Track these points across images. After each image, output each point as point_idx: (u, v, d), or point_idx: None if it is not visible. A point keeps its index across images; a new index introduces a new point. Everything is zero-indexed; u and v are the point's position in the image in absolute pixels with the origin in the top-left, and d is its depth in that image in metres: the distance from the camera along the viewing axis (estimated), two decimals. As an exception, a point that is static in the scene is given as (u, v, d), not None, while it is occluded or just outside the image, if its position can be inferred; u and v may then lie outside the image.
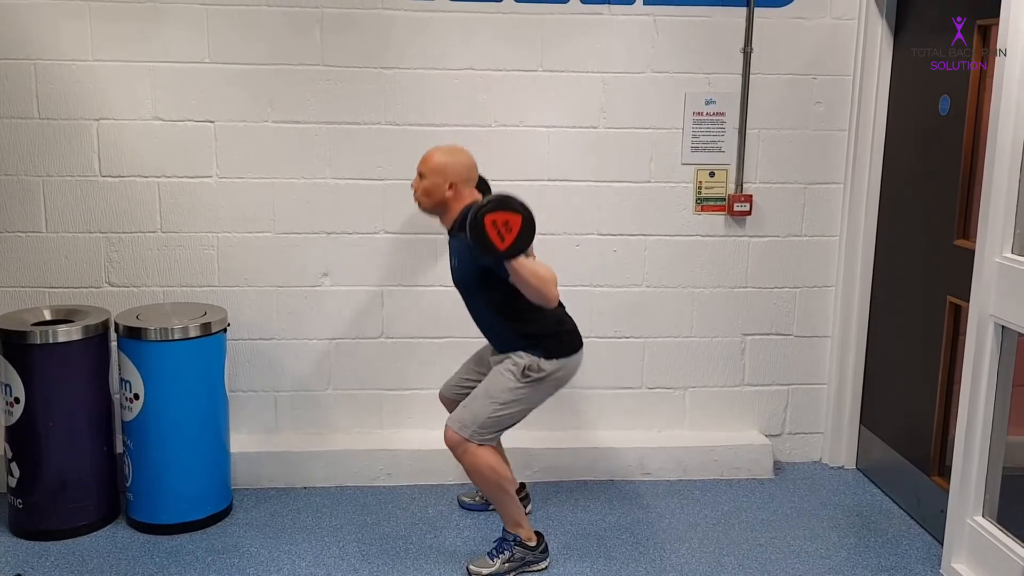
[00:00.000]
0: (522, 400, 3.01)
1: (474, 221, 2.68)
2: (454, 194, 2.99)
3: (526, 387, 2.99)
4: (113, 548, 3.24)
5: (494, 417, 2.97)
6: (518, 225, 2.69)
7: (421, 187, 3.03)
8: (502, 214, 2.68)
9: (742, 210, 3.78)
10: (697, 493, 3.74)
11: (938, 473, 3.39)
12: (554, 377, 3.02)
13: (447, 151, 3.05)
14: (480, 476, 3.00)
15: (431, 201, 3.02)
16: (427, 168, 3.01)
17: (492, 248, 2.70)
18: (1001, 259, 2.85)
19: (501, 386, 2.99)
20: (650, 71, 3.68)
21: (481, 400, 3.00)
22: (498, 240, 2.68)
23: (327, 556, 3.20)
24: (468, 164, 3.04)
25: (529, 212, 2.71)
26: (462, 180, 3.00)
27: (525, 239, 2.71)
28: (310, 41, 3.56)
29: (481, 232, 2.68)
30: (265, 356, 3.77)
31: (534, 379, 2.99)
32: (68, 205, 3.61)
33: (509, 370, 2.99)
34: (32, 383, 3.22)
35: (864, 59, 3.68)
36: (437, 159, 3.01)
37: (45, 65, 3.49)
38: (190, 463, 3.35)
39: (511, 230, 2.69)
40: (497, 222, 2.67)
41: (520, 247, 2.72)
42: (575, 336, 3.09)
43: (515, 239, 2.70)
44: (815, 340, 3.97)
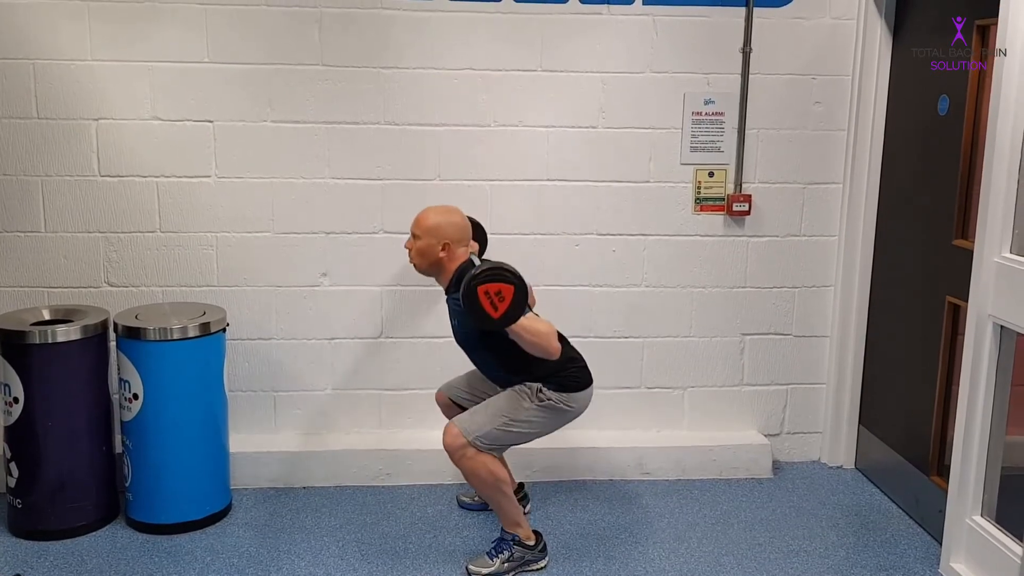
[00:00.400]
0: (532, 423, 3.03)
1: (467, 292, 2.74)
2: (448, 255, 3.02)
3: (540, 411, 3.02)
4: (112, 548, 3.24)
5: (501, 431, 2.98)
6: (511, 295, 2.75)
7: (415, 248, 3.06)
8: (494, 284, 2.74)
9: (741, 210, 3.78)
10: (696, 493, 3.74)
11: (937, 473, 3.39)
12: (565, 408, 3.05)
13: (440, 212, 3.08)
14: (478, 479, 3.01)
15: (425, 261, 3.05)
16: (420, 229, 3.04)
17: (487, 318, 2.76)
18: (1000, 259, 2.85)
19: (516, 404, 3.02)
20: (649, 71, 3.68)
21: (492, 412, 3.01)
22: (492, 310, 2.75)
23: (326, 556, 3.20)
24: (461, 224, 3.07)
25: (521, 280, 2.77)
26: (455, 240, 3.03)
27: (518, 307, 2.77)
28: (309, 41, 3.56)
29: (475, 303, 2.74)
30: (264, 356, 3.77)
31: (547, 405, 3.01)
32: (67, 205, 3.60)
33: (523, 392, 3.02)
34: (31, 383, 3.21)
35: (863, 59, 3.68)
36: (431, 220, 3.04)
37: (44, 65, 3.49)
38: (189, 463, 3.35)
39: (504, 299, 2.75)
40: (490, 292, 2.74)
41: (514, 315, 2.78)
42: (585, 372, 3.11)
43: (508, 308, 2.76)
44: (814, 340, 3.97)
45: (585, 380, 3.10)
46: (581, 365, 3.12)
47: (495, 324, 2.79)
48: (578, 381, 3.08)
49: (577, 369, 3.09)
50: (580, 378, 3.09)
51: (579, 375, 3.09)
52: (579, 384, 3.08)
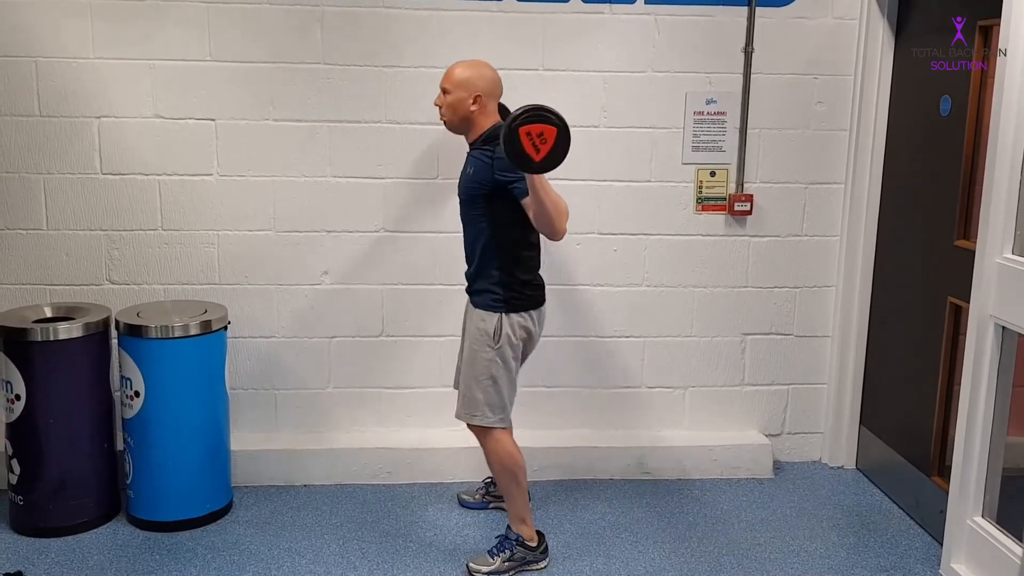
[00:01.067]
0: (504, 363, 3.00)
1: (508, 132, 2.58)
2: (479, 108, 2.94)
3: (500, 349, 2.98)
4: (113, 545, 3.25)
5: (491, 393, 2.99)
6: (553, 136, 2.61)
7: (445, 102, 2.97)
8: (538, 126, 2.60)
9: (743, 210, 3.78)
10: (697, 492, 3.74)
11: (938, 473, 3.39)
12: (521, 333, 3.01)
13: (470, 64, 2.99)
14: (498, 462, 3.04)
15: (456, 116, 2.97)
16: (450, 83, 2.96)
17: (527, 159, 2.61)
18: (1001, 260, 2.85)
19: (479, 361, 3.00)
20: (651, 70, 3.68)
21: (471, 384, 3.02)
22: (533, 152, 2.60)
23: (327, 554, 3.20)
24: (492, 78, 2.99)
25: (565, 123, 2.63)
26: (487, 93, 2.95)
27: (560, 151, 2.64)
28: (311, 39, 3.56)
29: (516, 143, 2.58)
30: (265, 354, 3.78)
31: (503, 342, 2.98)
32: (69, 203, 3.61)
33: (479, 340, 2.99)
34: (33, 380, 3.22)
35: (865, 59, 3.68)
36: (460, 73, 2.95)
37: (46, 63, 3.50)
38: (190, 461, 3.35)
39: (547, 141, 2.61)
40: (532, 133, 2.58)
41: (555, 160, 2.65)
42: (539, 291, 3.07)
43: (550, 151, 2.61)
44: (815, 340, 3.97)
45: (539, 299, 3.06)
46: (539, 284, 3.07)
47: (535, 167, 2.64)
48: (534, 300, 3.03)
49: (533, 288, 3.04)
50: (536, 297, 3.04)
51: (535, 294, 3.04)
52: (534, 302, 3.03)
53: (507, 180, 2.83)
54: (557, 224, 2.81)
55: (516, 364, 3.06)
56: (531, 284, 3.05)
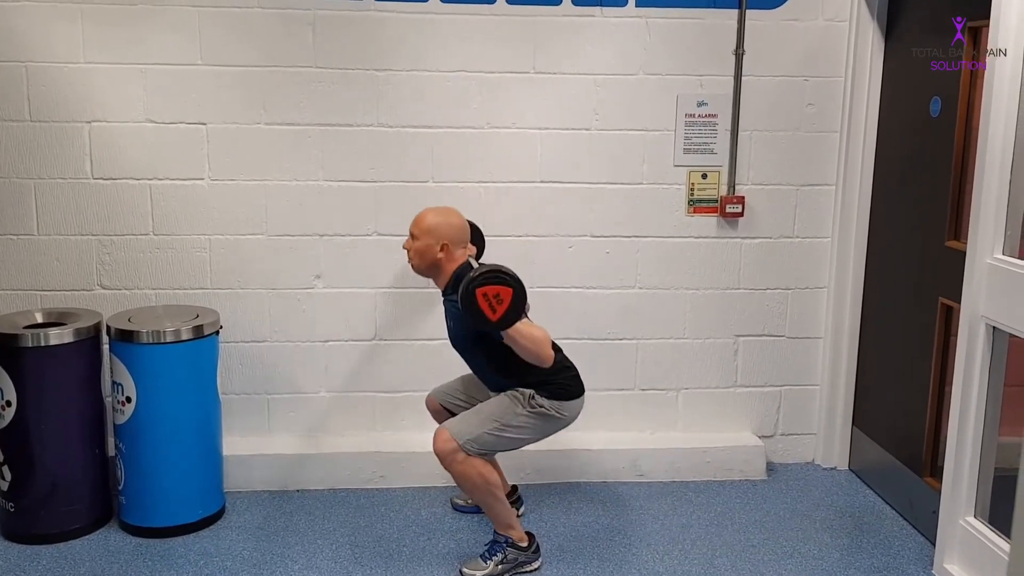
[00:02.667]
0: (524, 429, 3.03)
1: (465, 294, 2.75)
2: (446, 255, 3.03)
3: (531, 418, 3.02)
4: (105, 551, 3.24)
5: (493, 436, 2.98)
6: (509, 297, 2.76)
7: (413, 248, 3.07)
8: (493, 287, 2.75)
9: (734, 211, 3.79)
10: (690, 494, 3.74)
11: (930, 474, 3.40)
12: (556, 416, 3.05)
13: (439, 213, 3.09)
14: (470, 483, 3.01)
15: (424, 262, 3.06)
16: (419, 229, 3.05)
17: (484, 319, 2.77)
18: (992, 260, 2.86)
19: (508, 409, 3.02)
20: (642, 73, 3.69)
21: (483, 417, 3.01)
22: (490, 312, 2.75)
23: (320, 559, 3.20)
24: (459, 226, 3.08)
25: (519, 284, 2.78)
26: (453, 241, 3.04)
27: (516, 310, 2.78)
28: (302, 43, 3.56)
29: (473, 305, 2.75)
30: (258, 358, 3.77)
31: (539, 412, 3.02)
32: (60, 207, 3.60)
33: (516, 398, 3.03)
34: (24, 386, 3.21)
35: (856, 61, 3.69)
36: (429, 220, 3.05)
37: (37, 67, 3.49)
38: (182, 466, 3.34)
39: (502, 302, 2.75)
40: (488, 294, 2.74)
41: (512, 318, 2.79)
42: (577, 381, 3.12)
43: (506, 310, 2.76)
44: (807, 341, 3.97)
45: (577, 389, 3.11)
46: (574, 374, 3.12)
47: (493, 326, 2.79)
48: (570, 390, 3.08)
49: (570, 377, 3.10)
50: (572, 387, 3.09)
51: (571, 383, 3.09)
52: (571, 393, 3.08)
53: (483, 330, 2.90)
54: (541, 355, 2.90)
55: (532, 439, 3.08)
56: (567, 371, 3.09)
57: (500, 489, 3.07)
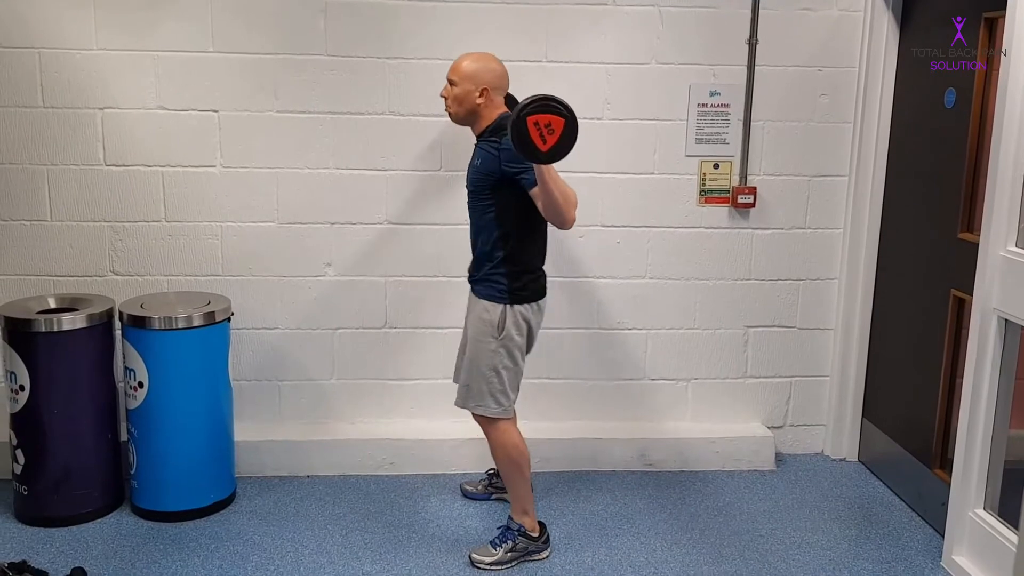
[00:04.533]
0: (509, 354, 3.01)
1: (516, 121, 2.59)
2: (485, 101, 2.95)
3: (504, 340, 2.99)
4: (117, 535, 3.26)
5: (495, 383, 3.00)
6: (561, 127, 2.61)
7: (452, 94, 2.98)
8: (545, 116, 2.60)
9: (746, 202, 3.78)
10: (699, 484, 3.74)
11: (940, 466, 3.39)
12: (524, 323, 3.02)
13: (477, 57, 3.00)
14: (503, 452, 3.04)
15: (462, 109, 2.98)
16: (457, 75, 2.97)
17: (534, 149, 2.62)
18: (1005, 253, 2.85)
19: (483, 352, 3.00)
20: (655, 62, 3.68)
21: (474, 375, 3.03)
22: (540, 142, 2.60)
23: (330, 544, 3.22)
24: (498, 71, 3.00)
25: (573, 114, 2.63)
26: (493, 86, 2.96)
27: (568, 143, 2.64)
28: (314, 30, 3.56)
29: (524, 132, 2.59)
30: (269, 345, 3.78)
31: (507, 333, 2.99)
32: (73, 194, 3.61)
33: (482, 331, 3.00)
34: (37, 371, 3.23)
35: (870, 51, 3.67)
36: (467, 65, 2.96)
37: (50, 54, 3.50)
38: (194, 451, 3.36)
39: (554, 132, 2.61)
40: (540, 123, 2.59)
41: (562, 151, 2.65)
42: (542, 283, 3.08)
43: (557, 141, 2.61)
44: (818, 332, 3.97)
45: (541, 291, 3.07)
46: (541, 277, 3.07)
47: (542, 158, 2.65)
48: (536, 292, 3.04)
49: (536, 280, 3.05)
50: (538, 289, 3.05)
51: (537, 286, 3.05)
52: (536, 294, 3.04)
53: (514, 171, 2.84)
54: (567, 213, 2.81)
55: (520, 354, 3.07)
56: (535, 275, 3.05)
57: (528, 468, 3.09)
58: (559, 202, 2.78)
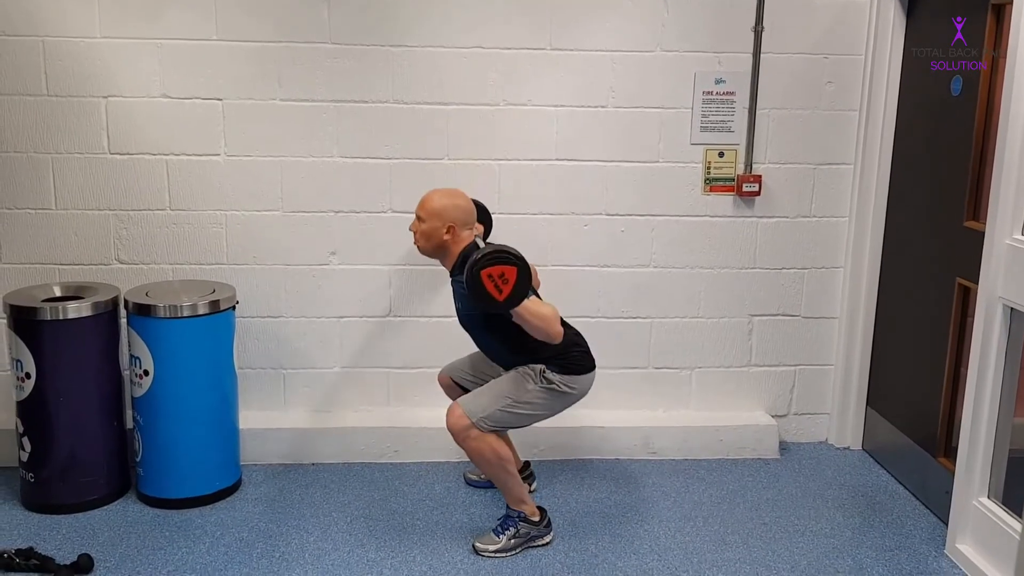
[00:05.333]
0: (535, 405, 3.04)
1: (470, 277, 2.73)
2: (452, 237, 3.03)
3: (543, 393, 3.03)
4: (123, 522, 3.28)
5: (505, 412, 3.00)
6: (514, 276, 2.75)
7: (420, 230, 3.07)
8: (497, 267, 2.73)
9: (751, 190, 3.77)
10: (702, 472, 3.75)
11: (944, 454, 3.39)
12: (568, 391, 3.06)
13: (445, 194, 3.07)
14: (483, 459, 3.03)
15: (430, 244, 3.06)
16: (425, 212, 3.05)
17: (492, 301, 2.76)
18: (1011, 241, 2.84)
19: (519, 386, 3.03)
20: (659, 50, 3.66)
21: (495, 394, 3.03)
22: (496, 293, 2.74)
23: (334, 531, 3.23)
24: (465, 208, 3.07)
25: (523, 261, 2.76)
26: (460, 223, 3.03)
27: (522, 288, 2.77)
28: (318, 18, 3.55)
29: (479, 287, 2.73)
30: (273, 334, 3.79)
31: (550, 387, 3.03)
32: (77, 182, 3.62)
33: (527, 375, 3.04)
34: (43, 359, 3.24)
35: (876, 38, 3.65)
36: (436, 203, 3.04)
37: (54, 42, 3.49)
38: (199, 439, 3.38)
39: (508, 282, 2.74)
40: (493, 275, 2.73)
41: (518, 297, 2.78)
42: (587, 356, 3.13)
43: (512, 289, 2.75)
44: (822, 321, 3.96)
45: (588, 364, 3.11)
46: (584, 349, 3.13)
47: (500, 307, 2.79)
48: (581, 365, 3.09)
49: (580, 353, 3.10)
50: (583, 362, 3.10)
51: (582, 359, 3.10)
52: (582, 368, 3.09)
53: (492, 311, 2.89)
54: (550, 333, 2.89)
55: (544, 415, 3.10)
56: (581, 347, 3.10)
57: (512, 464, 3.09)
58: (539, 327, 2.86)
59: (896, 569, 3.04)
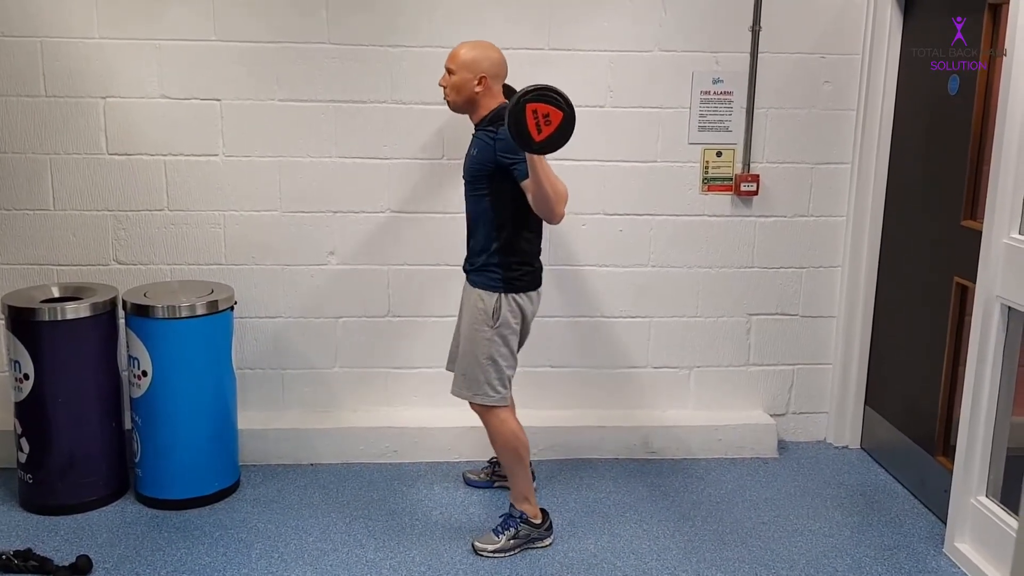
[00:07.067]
0: (504, 342, 3.02)
1: (515, 106, 2.58)
2: (484, 89, 2.94)
3: (499, 329, 3.00)
4: (122, 523, 3.28)
5: (491, 372, 3.01)
6: (558, 120, 2.60)
7: (451, 83, 2.97)
8: (544, 106, 2.59)
9: (749, 190, 3.77)
10: (701, 472, 3.75)
11: (942, 453, 3.39)
12: (518, 311, 3.02)
13: (476, 45, 2.99)
14: (502, 440, 3.05)
15: (460, 97, 2.97)
16: (456, 63, 2.96)
17: (527, 137, 2.61)
18: (1008, 240, 2.84)
19: (479, 341, 3.01)
20: (657, 50, 3.67)
21: (470, 363, 3.03)
22: (535, 131, 2.59)
23: (333, 532, 3.23)
24: (497, 59, 2.99)
25: (572, 109, 2.62)
26: (492, 75, 2.95)
27: (562, 136, 2.63)
28: (316, 19, 3.55)
29: (520, 119, 2.58)
30: (272, 334, 3.79)
31: (502, 321, 2.99)
32: (75, 183, 3.62)
33: (477, 320, 3.00)
34: (41, 360, 3.24)
35: (873, 38, 3.65)
36: (466, 53, 2.95)
37: (52, 43, 3.49)
38: (198, 439, 3.38)
39: (551, 123, 2.60)
40: (539, 112, 2.58)
41: (555, 143, 2.64)
42: (537, 273, 3.07)
43: (552, 133, 2.61)
44: (821, 320, 3.97)
45: (536, 281, 3.06)
46: (537, 267, 3.07)
47: (535, 147, 2.64)
48: (531, 282, 3.04)
49: (533, 271, 3.04)
50: (534, 279, 3.05)
51: (533, 276, 3.05)
52: (531, 284, 3.03)
53: (508, 161, 2.84)
54: (555, 208, 2.81)
55: (515, 341, 3.08)
56: (530, 265, 3.05)
57: (527, 453, 3.10)
58: (549, 195, 2.77)
59: (895, 568, 3.04)
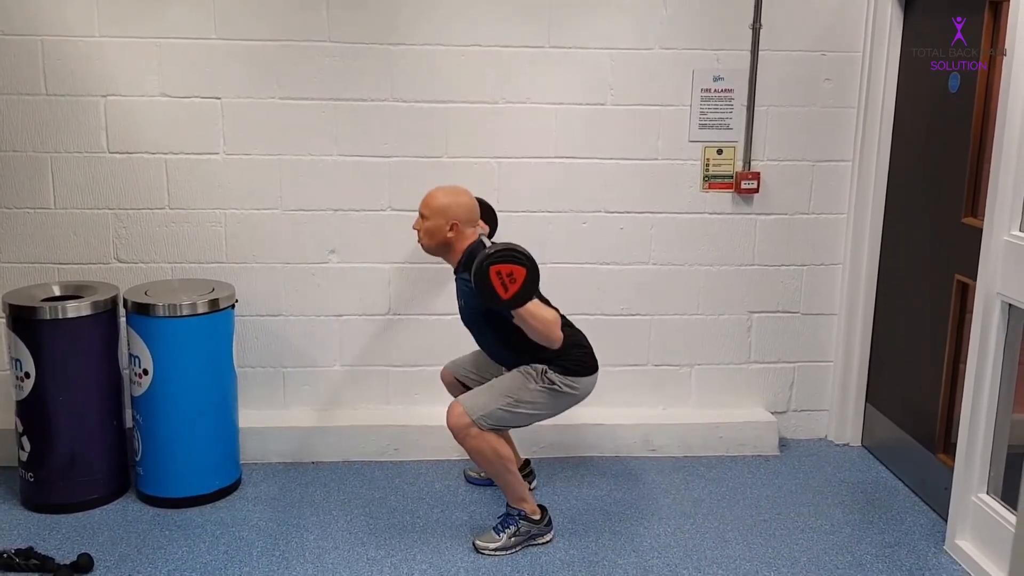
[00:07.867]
0: (536, 404, 3.04)
1: (479, 271, 2.74)
2: (456, 234, 3.03)
3: (544, 393, 3.03)
4: (123, 521, 3.28)
5: (505, 412, 3.00)
6: (522, 277, 2.76)
7: (423, 228, 3.07)
8: (507, 266, 2.74)
9: (749, 188, 3.77)
10: (702, 469, 3.75)
11: (943, 451, 3.39)
12: (569, 392, 3.06)
13: (448, 192, 3.08)
14: (483, 457, 3.03)
15: (434, 242, 3.07)
16: (429, 209, 3.06)
17: (496, 298, 2.77)
18: (1009, 237, 2.84)
19: (521, 385, 3.03)
20: (658, 47, 3.66)
21: (497, 392, 3.03)
22: (502, 290, 2.75)
23: (334, 530, 3.23)
24: (469, 205, 3.07)
25: (533, 264, 2.78)
26: (463, 220, 3.04)
27: (529, 289, 2.78)
28: (317, 17, 3.55)
29: (486, 283, 2.74)
30: (273, 332, 3.79)
31: (552, 387, 3.03)
32: (76, 181, 3.62)
33: (529, 374, 3.04)
34: (42, 358, 3.24)
35: (874, 35, 3.65)
36: (439, 200, 3.05)
37: (52, 41, 3.49)
38: (199, 438, 3.38)
39: (515, 281, 2.75)
40: (502, 273, 2.74)
41: (524, 297, 2.79)
42: (590, 357, 3.13)
43: (519, 290, 2.77)
44: (821, 318, 3.97)
45: (590, 365, 3.11)
46: (587, 350, 3.13)
47: (504, 305, 2.80)
48: (584, 365, 3.09)
49: (583, 354, 3.10)
50: (586, 362, 3.10)
51: (585, 359, 3.10)
52: (584, 368, 3.09)
53: (494, 308, 2.89)
54: (550, 337, 2.92)
55: (545, 415, 3.10)
56: (584, 348, 3.10)
57: (513, 463, 3.09)
58: (539, 330, 2.88)
59: (895, 565, 3.04)
